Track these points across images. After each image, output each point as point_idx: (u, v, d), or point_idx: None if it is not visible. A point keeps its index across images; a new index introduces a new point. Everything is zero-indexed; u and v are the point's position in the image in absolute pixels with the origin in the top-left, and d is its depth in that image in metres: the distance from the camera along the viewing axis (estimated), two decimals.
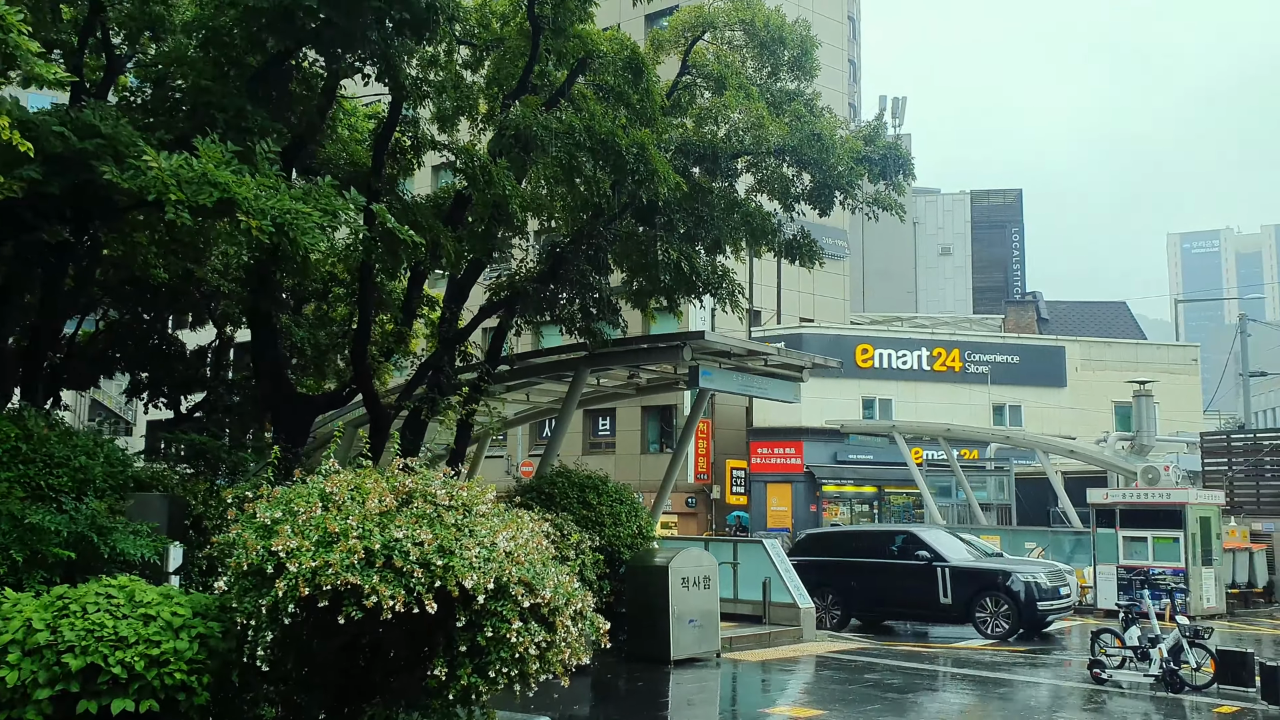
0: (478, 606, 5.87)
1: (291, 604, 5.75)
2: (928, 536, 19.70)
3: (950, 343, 38.57)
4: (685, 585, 14.02)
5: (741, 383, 16.74)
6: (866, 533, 21.52)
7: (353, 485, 6.35)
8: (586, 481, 14.87)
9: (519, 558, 6.28)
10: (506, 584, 6.04)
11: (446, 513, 6.29)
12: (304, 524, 6.00)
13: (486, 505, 6.66)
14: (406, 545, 5.89)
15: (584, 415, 42.47)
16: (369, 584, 5.71)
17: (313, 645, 6.16)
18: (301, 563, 5.73)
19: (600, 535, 14.29)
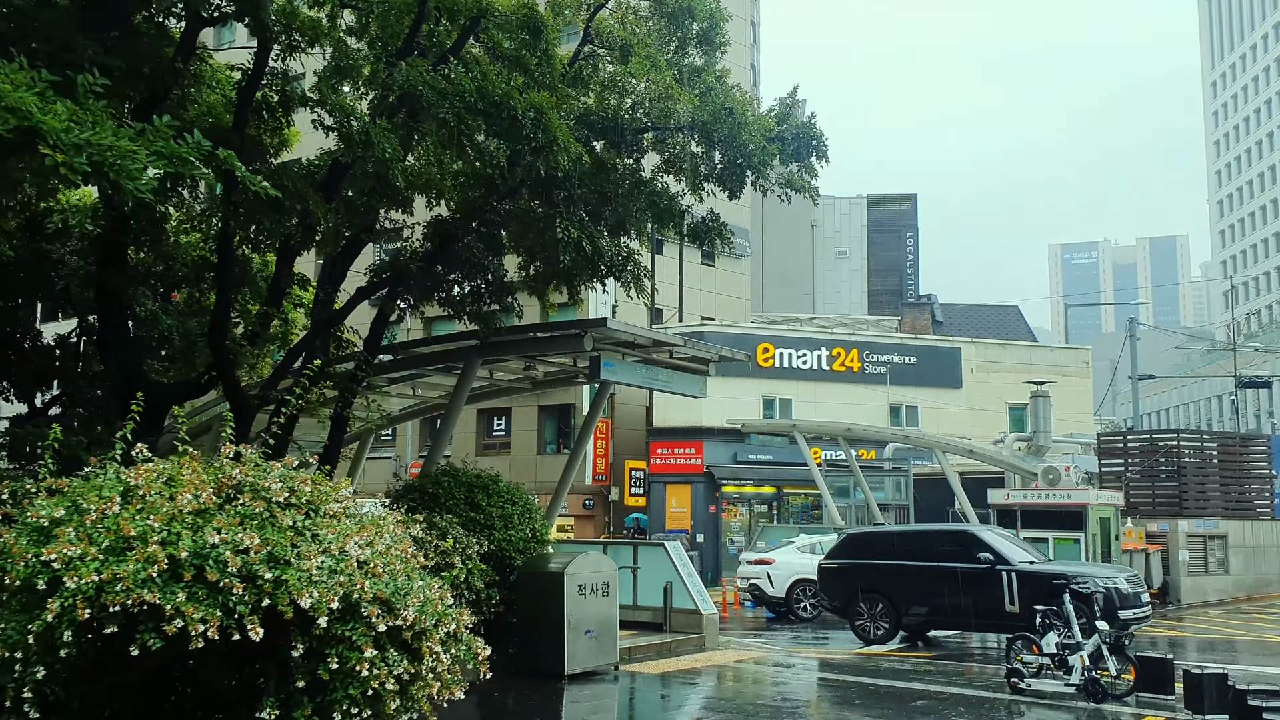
0: (319, 631, 4.63)
1: (69, 630, 4.40)
2: (989, 537, 17.41)
3: (849, 343, 38.32)
4: (582, 593, 12.89)
5: (646, 376, 15.66)
6: (917, 533, 19.25)
7: (165, 476, 5.02)
8: (475, 481, 13.61)
9: (375, 569, 5.06)
10: (357, 602, 4.81)
11: (283, 512, 5.02)
12: (93, 525, 4.65)
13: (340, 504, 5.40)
14: (224, 553, 4.58)
15: (478, 415, 40.98)
16: (171, 603, 4.40)
17: (106, 680, 4.81)
18: (81, 576, 4.38)
19: (489, 540, 13.06)
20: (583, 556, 13.14)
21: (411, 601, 5.11)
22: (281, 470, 5.46)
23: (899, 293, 64.91)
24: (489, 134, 11.93)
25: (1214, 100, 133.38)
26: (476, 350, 15.10)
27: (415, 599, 5.16)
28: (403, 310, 14.52)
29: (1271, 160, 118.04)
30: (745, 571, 25.00)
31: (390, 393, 18.58)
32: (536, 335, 14.65)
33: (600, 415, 37.52)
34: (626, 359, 15.37)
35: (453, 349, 15.38)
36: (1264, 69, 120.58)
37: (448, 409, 15.49)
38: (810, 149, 14.28)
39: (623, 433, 38.26)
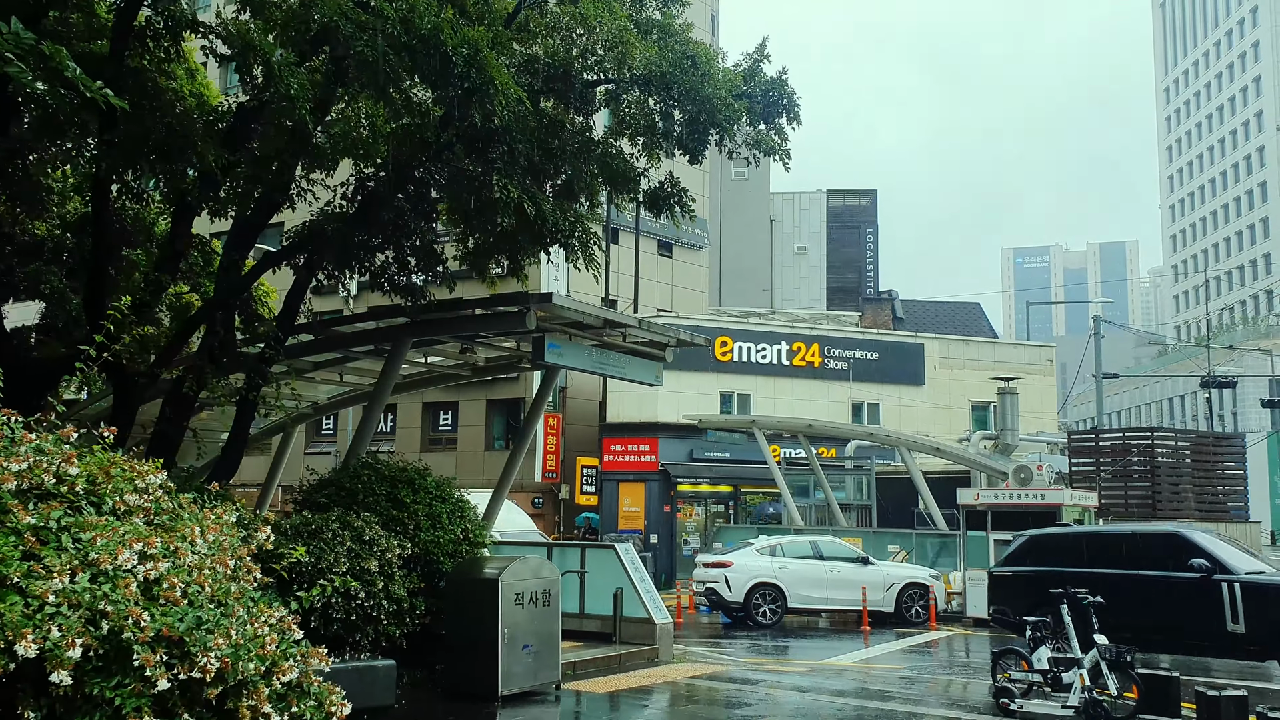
0: (60, 689, 3.03)
1: None
2: (1202, 540, 14.49)
3: (810, 337, 37.07)
4: (519, 602, 11.32)
5: (596, 360, 14.12)
6: (1113, 534, 16.24)
7: None
8: (399, 475, 11.98)
9: (170, 591, 3.45)
10: (128, 644, 3.21)
11: (25, 508, 3.41)
12: None
13: (141, 496, 3.81)
14: None
15: (423, 409, 39.22)
16: None
17: None
18: None
19: (414, 541, 11.45)
20: (521, 561, 11.57)
21: (217, 641, 3.45)
22: (38, 443, 3.82)
23: (858, 290, 63.94)
24: (416, 75, 10.33)
25: (1167, 106, 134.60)
26: (406, 329, 13.46)
27: (224, 637, 3.50)
28: (321, 282, 12.85)
29: (1223, 166, 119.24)
30: (701, 574, 23.55)
31: (316, 379, 16.85)
32: (473, 312, 13.05)
33: (548, 406, 36.03)
34: (575, 340, 13.83)
35: (379, 328, 13.72)
36: (1216, 75, 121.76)
37: (373, 395, 13.84)
38: (781, 108, 12.82)
39: (574, 428, 36.69)
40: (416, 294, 12.76)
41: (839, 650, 18.33)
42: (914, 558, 26.20)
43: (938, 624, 22.39)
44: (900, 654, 17.77)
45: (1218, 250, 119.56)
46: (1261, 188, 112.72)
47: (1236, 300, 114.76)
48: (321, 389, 18.20)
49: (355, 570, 10.51)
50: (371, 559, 10.67)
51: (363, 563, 10.59)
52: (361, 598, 10.55)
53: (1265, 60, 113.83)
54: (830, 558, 23.11)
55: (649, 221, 40.41)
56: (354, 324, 13.92)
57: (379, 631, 10.91)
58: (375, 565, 10.67)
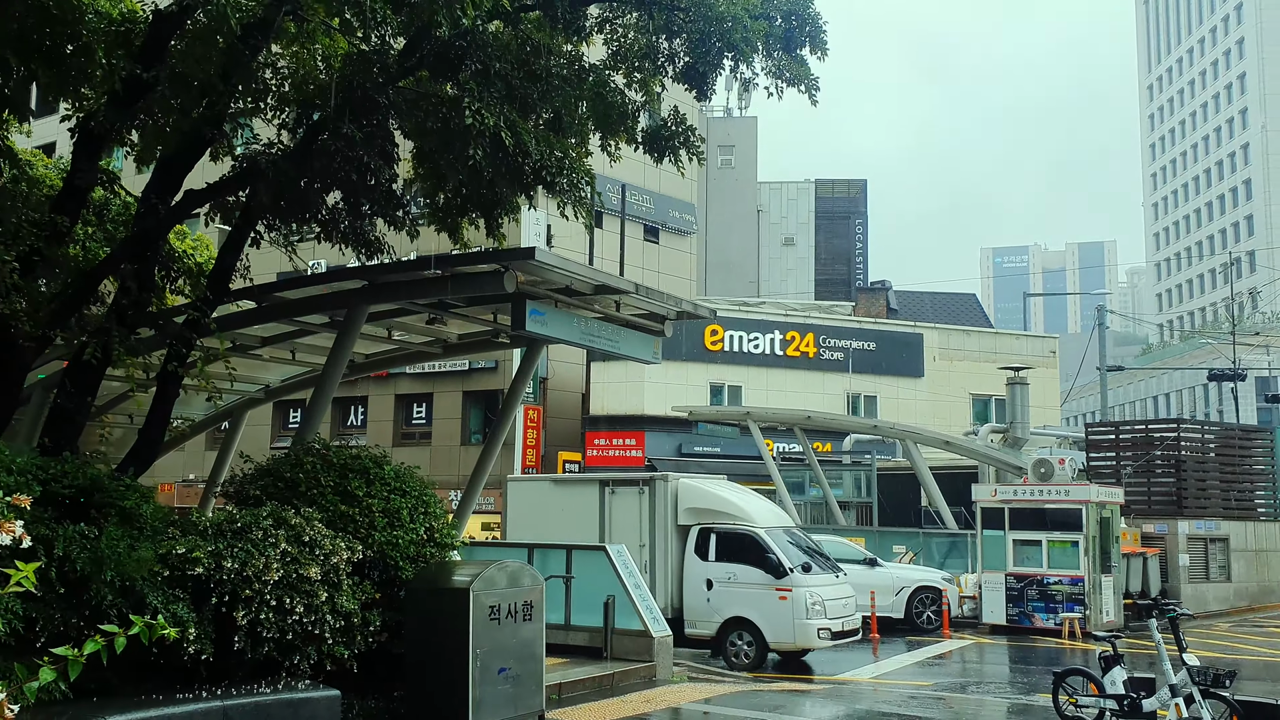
0: None
1: None
2: None
3: (805, 326, 35.22)
4: (494, 616, 9.34)
5: (584, 331, 12.13)
6: None
7: None
8: (351, 463, 9.96)
9: None
10: None
11: None
12: None
13: None
14: None
15: (395, 401, 37.13)
16: None
17: None
18: None
19: (367, 542, 9.44)
20: (497, 566, 9.59)
21: None
22: None
23: (847, 282, 62.24)
24: None
25: (1150, 103, 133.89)
26: (362, 294, 11.43)
27: None
28: (260, 235, 10.83)
29: (1207, 164, 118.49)
30: None
31: (264, 356, 14.78)
32: (441, 273, 11.05)
33: (528, 398, 34.00)
34: (561, 308, 11.85)
35: (331, 292, 11.69)
36: (1200, 72, 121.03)
37: (325, 371, 11.80)
38: (804, 36, 10.87)
39: (556, 421, 34.67)
40: (373, 246, 10.77)
41: (849, 663, 16.47)
42: (921, 559, 24.41)
43: (951, 631, 20.56)
44: (918, 667, 15.90)
45: (1201, 248, 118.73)
46: (1246, 185, 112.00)
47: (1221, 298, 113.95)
48: (273, 369, 16.13)
49: (291, 578, 8.51)
50: (312, 564, 8.65)
51: (301, 569, 8.57)
52: (300, 612, 8.55)
53: (1250, 57, 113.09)
54: (835, 559, 21.23)
55: (635, 205, 38.46)
56: (301, 288, 11.88)
57: (323, 653, 8.91)
58: (317, 571, 8.66)
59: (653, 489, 16.02)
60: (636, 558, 15.13)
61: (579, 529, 16.20)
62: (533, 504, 17.68)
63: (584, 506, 16.59)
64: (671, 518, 15.85)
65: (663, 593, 15.38)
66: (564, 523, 16.54)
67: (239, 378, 16.10)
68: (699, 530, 15.69)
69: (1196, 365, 49.49)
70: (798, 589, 14.64)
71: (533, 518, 17.33)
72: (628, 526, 15.98)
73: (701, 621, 15.41)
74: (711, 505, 15.96)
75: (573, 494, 17.28)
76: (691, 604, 15.58)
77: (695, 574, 15.53)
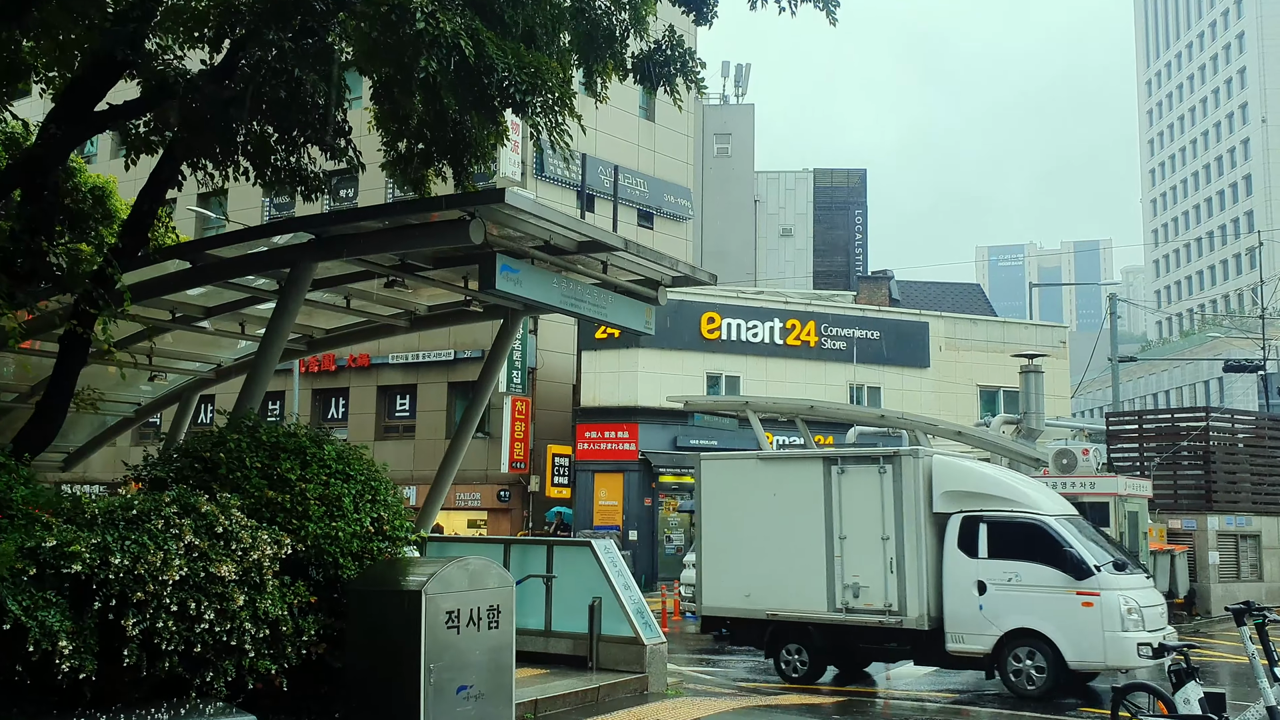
0: None
1: None
2: None
3: (806, 314, 33.63)
4: (453, 624, 7.77)
5: (566, 294, 10.52)
6: None
7: None
8: (284, 441, 8.38)
9: None
10: None
11: None
12: None
13: None
14: None
15: (378, 393, 35.55)
16: None
17: None
18: None
19: (300, 535, 7.87)
20: (457, 564, 8.02)
21: None
22: None
23: (846, 274, 60.72)
24: None
25: (1149, 99, 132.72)
26: (308, 250, 9.84)
27: None
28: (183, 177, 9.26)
29: (1206, 160, 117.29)
30: (691, 577, 20.06)
31: (209, 329, 13.18)
32: (398, 222, 9.47)
33: (515, 389, 32.41)
34: (539, 266, 10.28)
35: (272, 249, 10.09)
36: (1199, 67, 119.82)
37: (265, 339, 10.21)
38: None
39: (545, 413, 33.10)
40: (312, 184, 9.21)
41: None
42: None
43: None
44: (935, 675, 14.38)
45: (1200, 245, 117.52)
46: (1246, 181, 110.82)
47: (1220, 294, 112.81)
48: (224, 346, 14.54)
49: (198, 578, 6.94)
50: (225, 560, 7.08)
51: (211, 566, 7.00)
52: (210, 619, 6.99)
53: (1250, 52, 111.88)
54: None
55: (628, 189, 36.89)
56: (237, 244, 10.29)
57: (244, 667, 7.35)
58: (231, 570, 7.09)
59: (898, 467, 13.06)
60: (877, 554, 12.90)
61: (795, 519, 13.63)
62: (733, 489, 14.57)
63: (801, 491, 13.68)
64: (924, 503, 12.91)
65: (915, 598, 12.66)
66: (774, 511, 13.87)
67: (186, 355, 14.55)
68: (963, 519, 12.82)
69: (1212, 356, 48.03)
70: (1108, 593, 11.86)
71: (733, 506, 14.41)
72: (863, 515, 13.16)
73: (970, 635, 12.50)
74: (979, 487, 13.12)
75: (787, 475, 14.17)
76: (955, 612, 12.65)
77: (960, 575, 12.66)
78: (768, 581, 13.70)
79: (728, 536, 14.28)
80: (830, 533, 13.40)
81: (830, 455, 14.01)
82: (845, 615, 13.10)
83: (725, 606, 14.19)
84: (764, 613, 13.70)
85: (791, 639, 13.61)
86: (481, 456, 33.20)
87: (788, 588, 13.57)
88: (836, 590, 13.24)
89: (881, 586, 12.91)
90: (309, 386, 36.07)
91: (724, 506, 14.53)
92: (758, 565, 13.83)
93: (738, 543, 14.15)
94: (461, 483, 33.17)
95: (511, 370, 31.37)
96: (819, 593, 13.32)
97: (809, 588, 13.37)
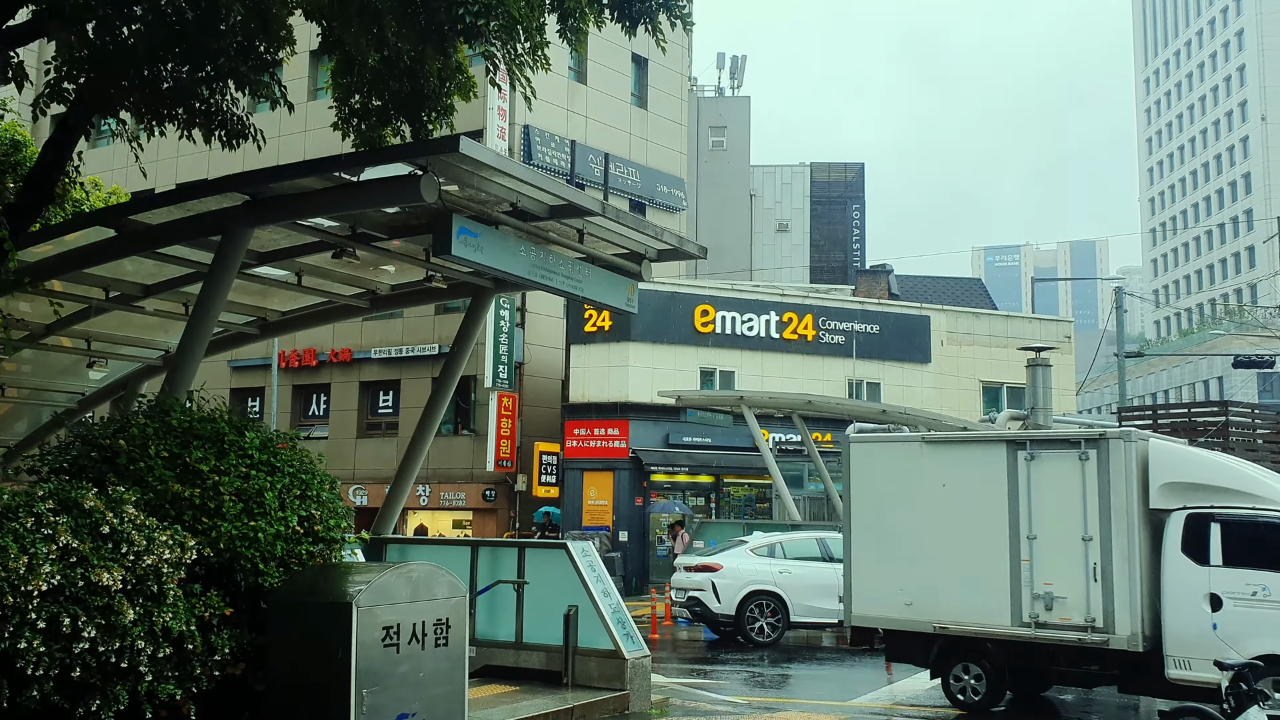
0: None
1: None
2: None
3: (803, 307, 32.45)
4: (391, 640, 6.59)
5: (536, 264, 9.29)
6: None
7: None
8: (198, 428, 7.18)
9: None
10: None
11: None
12: None
13: None
14: None
15: (360, 389, 34.34)
16: None
17: None
18: None
19: (211, 535, 6.68)
20: (396, 572, 6.82)
21: None
22: None
23: (844, 270, 59.60)
24: None
25: (1147, 97, 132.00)
26: (241, 213, 8.65)
27: None
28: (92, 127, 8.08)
29: (1205, 158, 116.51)
30: (683, 580, 18.95)
31: (147, 308, 11.97)
32: (340, 178, 8.29)
33: (502, 384, 31.15)
34: (506, 232, 9.09)
35: (201, 213, 8.90)
36: (1198, 65, 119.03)
37: (193, 317, 9.01)
38: None
39: (532, 410, 31.91)
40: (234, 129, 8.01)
41: (862, 683, 13.88)
42: None
43: None
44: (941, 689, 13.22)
45: (1199, 243, 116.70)
46: (1245, 179, 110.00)
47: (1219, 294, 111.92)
48: (172, 329, 13.32)
49: (75, 587, 5.75)
50: (111, 566, 5.90)
51: (92, 573, 5.81)
52: (91, 636, 5.80)
53: (1250, 49, 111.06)
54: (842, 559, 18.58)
55: (619, 179, 35.70)
56: (164, 207, 9.09)
57: (140, 693, 6.17)
58: (117, 577, 5.90)
59: (1103, 453, 10.86)
60: (1077, 558, 10.83)
61: (971, 513, 11.62)
62: (891, 476, 12.43)
63: (979, 480, 11.60)
64: (1137, 497, 10.79)
65: (1125, 613, 10.57)
66: (944, 504, 11.79)
67: (129, 340, 13.36)
68: (1188, 517, 10.68)
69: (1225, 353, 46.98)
70: None
71: (891, 496, 12.31)
72: (1058, 510, 11.10)
73: (1198, 660, 10.18)
74: (1210, 478, 10.94)
75: (960, 461, 12.01)
76: (1178, 630, 10.51)
77: (1185, 585, 10.52)
78: (935, 587, 11.70)
79: (884, 532, 12.24)
80: (1016, 531, 11.24)
81: (1017, 438, 11.76)
82: (1034, 631, 10.99)
83: (880, 615, 12.20)
84: (930, 624, 11.65)
85: (965, 656, 11.63)
86: (467, 455, 32.03)
87: (961, 596, 11.55)
88: (1023, 600, 11.11)
89: (1082, 597, 10.80)
90: (289, 383, 34.87)
91: (880, 496, 12.45)
92: (922, 568, 11.80)
93: (897, 540, 12.08)
94: (446, 482, 31.99)
95: (498, 365, 30.22)
96: (1001, 603, 11.23)
97: (988, 596, 11.32)
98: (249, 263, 10.81)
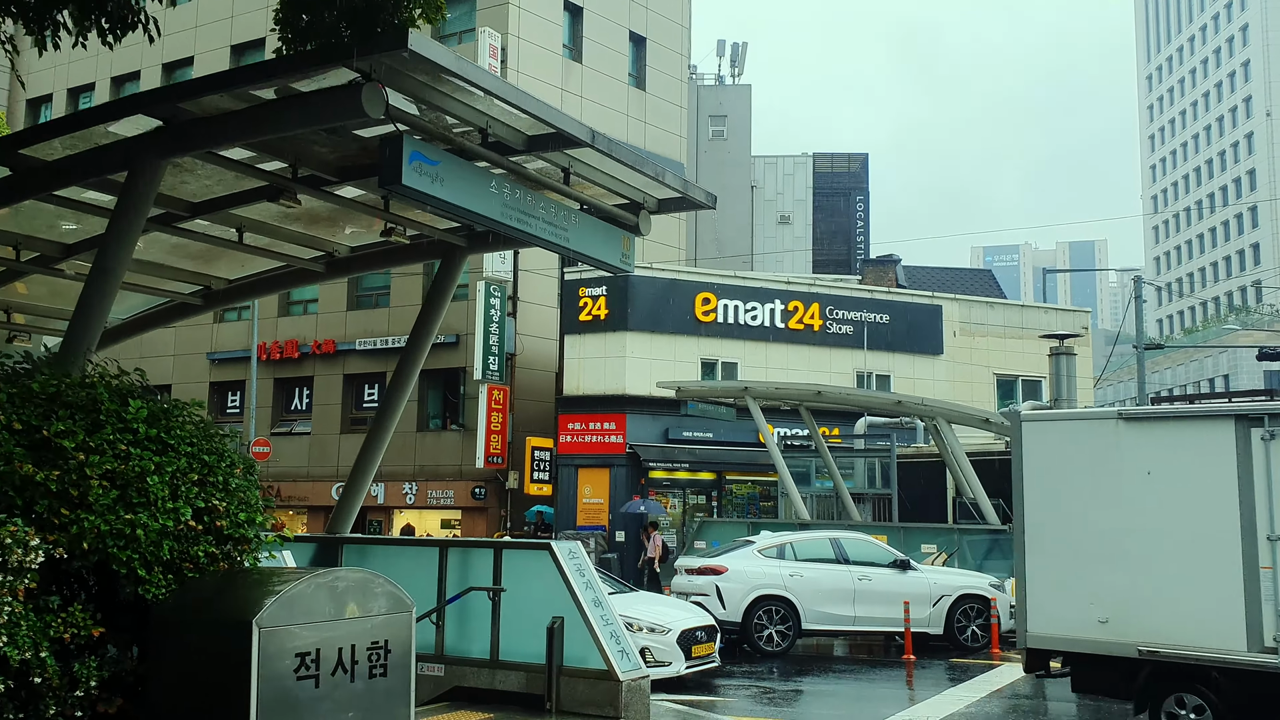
0: None
1: None
2: None
3: (809, 295, 30.86)
4: (307, 672, 4.98)
5: (510, 205, 7.62)
6: None
7: None
8: (68, 394, 5.57)
9: None
10: None
11: None
12: None
13: None
14: None
15: (344, 382, 32.80)
16: None
17: None
18: None
19: (71, 530, 5.07)
20: (317, 581, 5.21)
21: None
22: None
23: (847, 262, 58.10)
24: None
25: (1149, 94, 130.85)
26: (150, 143, 7.06)
27: None
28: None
29: (1209, 154, 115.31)
30: (683, 584, 17.39)
31: (66, 270, 10.35)
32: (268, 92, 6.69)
33: (493, 377, 29.52)
34: (472, 163, 7.48)
35: (103, 145, 7.28)
36: (1202, 61, 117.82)
37: (92, 273, 7.40)
38: None
39: (524, 403, 30.32)
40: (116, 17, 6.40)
41: (885, 702, 12.31)
42: (955, 560, 20.20)
43: (1001, 649, 16.36)
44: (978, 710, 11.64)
45: (1202, 240, 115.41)
46: (1250, 175, 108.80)
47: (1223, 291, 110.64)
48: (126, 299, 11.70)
49: None
50: None
51: None
52: None
53: (1254, 45, 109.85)
54: (858, 561, 17.09)
55: None
56: (63, 135, 7.50)
57: None
58: None
59: None
60: None
61: (1187, 508, 9.35)
62: (1077, 463, 10.07)
63: (1198, 466, 9.33)
64: None
65: None
66: (1149, 496, 9.52)
67: (47, 311, 11.73)
68: None
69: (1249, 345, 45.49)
70: None
71: (1077, 487, 10.02)
72: None
73: None
74: None
75: (1172, 441, 9.60)
76: None
77: None
78: (1139, 601, 9.54)
79: (1069, 533, 10.06)
80: (1251, 531, 9.03)
81: (1253, 412, 9.19)
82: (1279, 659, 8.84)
83: (1065, 635, 9.96)
84: (1134, 647, 9.46)
85: (1183, 688, 9.37)
86: (455, 451, 30.44)
87: (1175, 611, 9.39)
88: (1265, 619, 8.91)
89: None
90: (269, 375, 33.31)
91: (1062, 489, 10.16)
92: (1122, 576, 9.62)
93: (1086, 542, 9.92)
94: (434, 479, 30.41)
95: (488, 356, 28.65)
96: (1232, 622, 9.04)
97: (1213, 613, 9.15)
98: (179, 214, 9.24)
